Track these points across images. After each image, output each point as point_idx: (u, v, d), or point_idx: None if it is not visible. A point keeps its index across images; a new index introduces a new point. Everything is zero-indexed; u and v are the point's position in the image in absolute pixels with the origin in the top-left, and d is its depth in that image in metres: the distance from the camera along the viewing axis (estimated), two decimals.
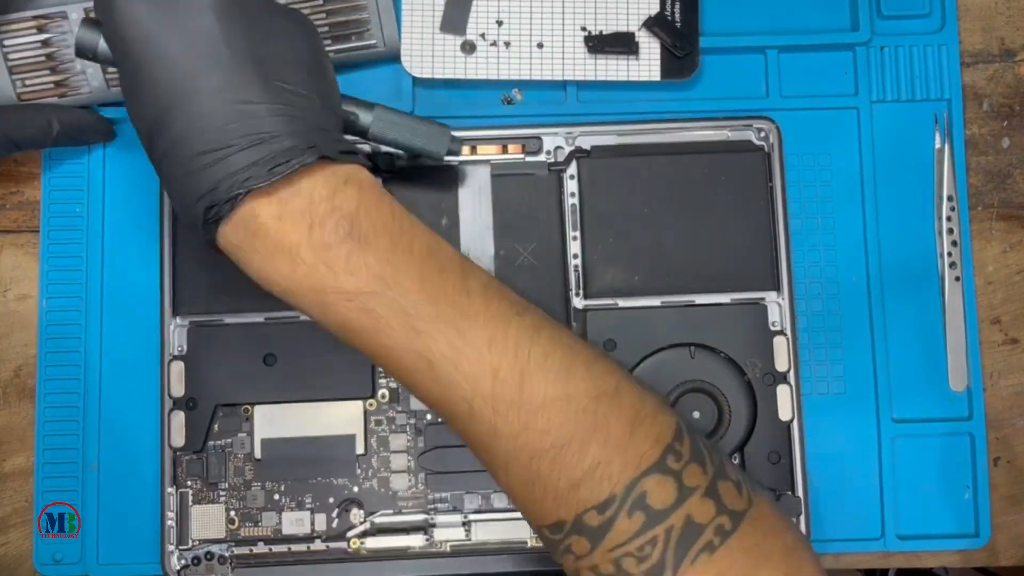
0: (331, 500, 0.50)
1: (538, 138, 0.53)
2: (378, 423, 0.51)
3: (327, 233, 0.35)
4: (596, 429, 0.36)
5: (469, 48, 0.53)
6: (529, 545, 0.51)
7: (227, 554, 0.50)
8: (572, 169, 0.52)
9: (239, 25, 0.36)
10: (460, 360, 0.36)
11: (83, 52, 0.41)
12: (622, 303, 0.51)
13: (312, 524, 0.50)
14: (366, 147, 0.50)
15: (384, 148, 0.49)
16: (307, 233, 0.35)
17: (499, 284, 0.39)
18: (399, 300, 0.36)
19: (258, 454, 0.50)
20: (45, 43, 0.51)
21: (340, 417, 0.51)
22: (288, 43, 0.38)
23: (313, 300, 0.36)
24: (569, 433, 0.36)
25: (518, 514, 0.50)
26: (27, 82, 0.51)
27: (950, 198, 0.53)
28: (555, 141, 0.53)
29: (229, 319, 0.51)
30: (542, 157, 0.53)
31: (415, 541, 0.50)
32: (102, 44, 0.41)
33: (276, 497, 0.50)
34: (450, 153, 0.47)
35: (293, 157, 0.35)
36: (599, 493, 0.36)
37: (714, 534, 0.36)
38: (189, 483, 0.50)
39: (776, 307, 0.52)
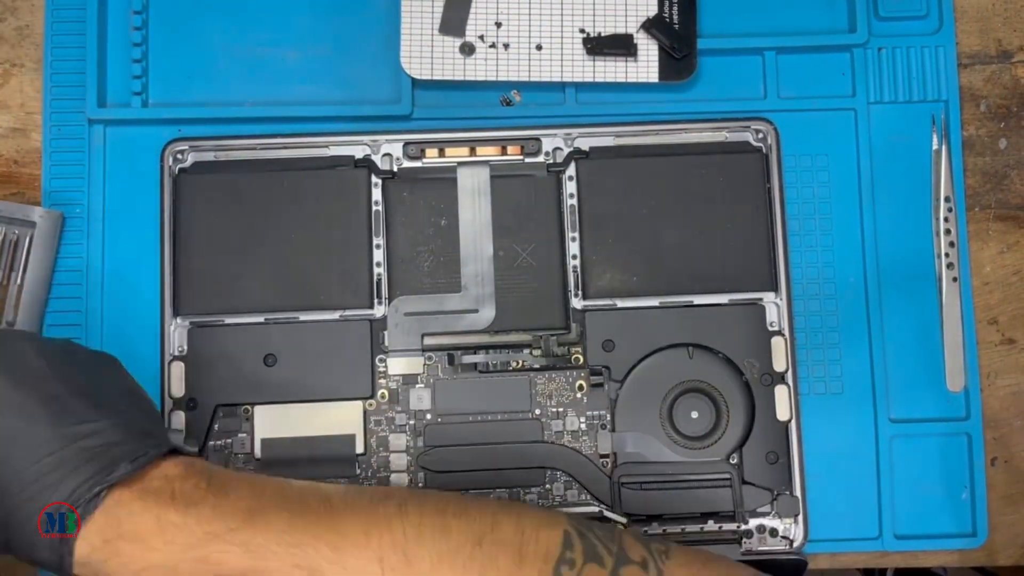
0: None
1: (537, 139, 0.53)
2: (377, 423, 0.51)
3: (189, 492, 0.38)
4: (485, 570, 0.37)
5: (468, 50, 0.53)
6: None
7: None
8: (571, 170, 0.53)
9: (66, 365, 0.40)
10: (346, 560, 0.37)
11: None
12: (620, 304, 0.52)
13: None
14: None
15: None
16: (171, 500, 0.37)
17: (356, 487, 0.41)
18: (271, 523, 0.37)
19: (258, 454, 0.50)
20: None
21: (340, 417, 0.51)
22: (108, 375, 0.42)
23: (194, 558, 0.37)
24: None
25: None
26: None
27: (947, 199, 0.53)
28: (554, 142, 0.53)
29: (229, 320, 0.51)
30: (541, 158, 0.53)
31: None
32: None
33: None
34: None
35: (145, 452, 0.38)
36: None
37: None
38: None
39: (774, 307, 0.52)
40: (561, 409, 0.51)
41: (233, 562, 0.37)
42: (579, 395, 0.51)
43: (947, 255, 0.53)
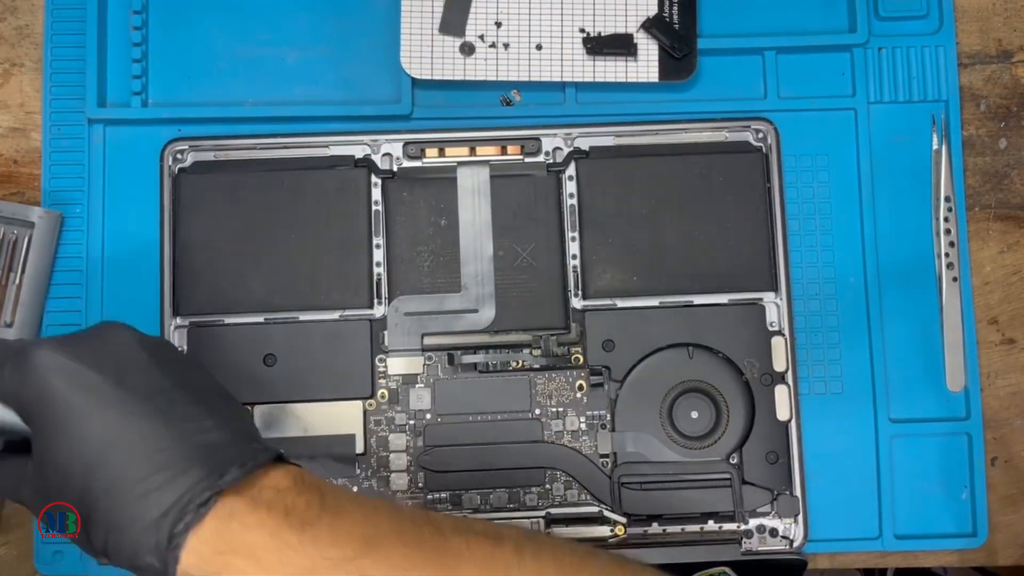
0: None
1: (537, 139, 0.53)
2: (377, 423, 0.51)
3: (303, 511, 0.35)
4: None
5: (468, 49, 0.53)
6: None
7: None
8: (571, 170, 0.53)
9: (165, 359, 0.38)
10: None
11: None
12: (620, 303, 0.52)
13: None
14: None
15: None
16: (285, 517, 0.34)
17: (466, 520, 0.39)
18: (388, 555, 0.35)
19: None
20: None
21: (339, 417, 0.51)
22: (199, 374, 0.40)
23: None
24: None
25: (516, 513, 0.50)
26: None
27: (947, 199, 0.53)
28: (554, 142, 0.53)
29: (229, 319, 0.51)
30: (541, 158, 0.53)
31: None
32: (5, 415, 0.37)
33: None
34: None
35: (254, 457, 0.36)
36: None
37: None
38: None
39: (774, 307, 0.52)
40: (561, 409, 0.51)
41: None
42: (579, 395, 0.51)
43: (947, 255, 0.53)
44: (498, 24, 0.53)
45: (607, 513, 0.50)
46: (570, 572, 0.36)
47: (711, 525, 0.50)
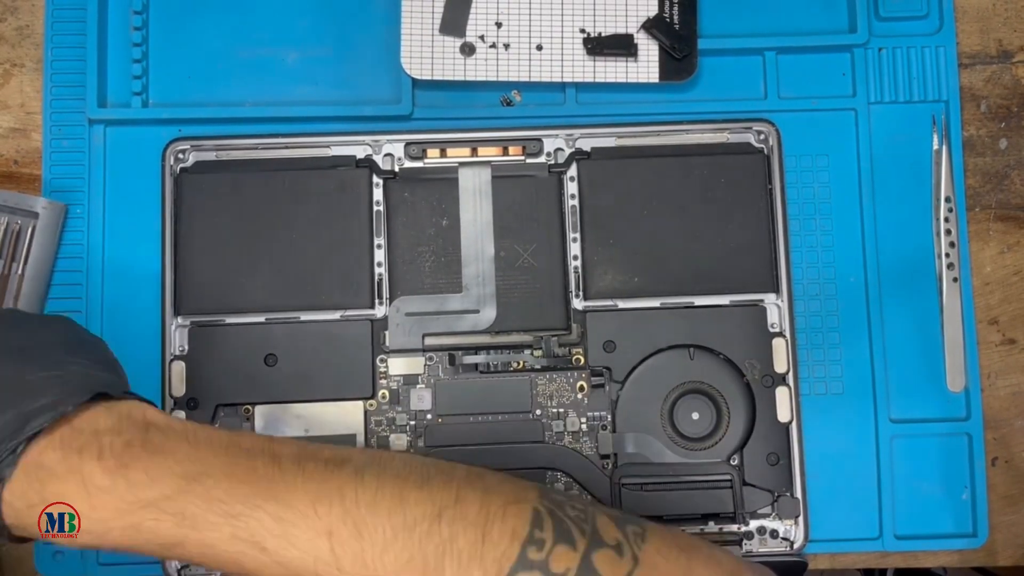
0: None
1: (538, 140, 0.53)
2: (378, 423, 0.51)
3: (120, 452, 0.34)
4: (444, 550, 0.34)
5: (468, 50, 0.53)
6: None
7: None
8: (572, 171, 0.53)
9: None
10: (290, 532, 0.34)
11: None
12: (622, 304, 0.52)
13: None
14: None
15: None
16: (98, 460, 0.33)
17: (314, 447, 0.37)
18: (210, 491, 0.34)
19: None
20: None
21: (340, 417, 0.51)
22: (45, 334, 0.38)
23: (123, 526, 0.34)
24: (419, 564, 0.34)
25: None
26: None
27: (948, 199, 0.54)
28: (555, 143, 0.53)
29: (230, 319, 0.51)
30: (542, 159, 0.53)
31: None
32: None
33: None
34: None
35: (68, 397, 0.35)
36: None
37: None
38: None
39: (775, 309, 0.52)
40: (562, 410, 0.51)
41: (166, 532, 0.33)
42: (580, 396, 0.51)
43: (947, 255, 0.53)
44: (498, 24, 0.53)
45: None
46: (413, 488, 0.35)
47: (711, 526, 0.50)
